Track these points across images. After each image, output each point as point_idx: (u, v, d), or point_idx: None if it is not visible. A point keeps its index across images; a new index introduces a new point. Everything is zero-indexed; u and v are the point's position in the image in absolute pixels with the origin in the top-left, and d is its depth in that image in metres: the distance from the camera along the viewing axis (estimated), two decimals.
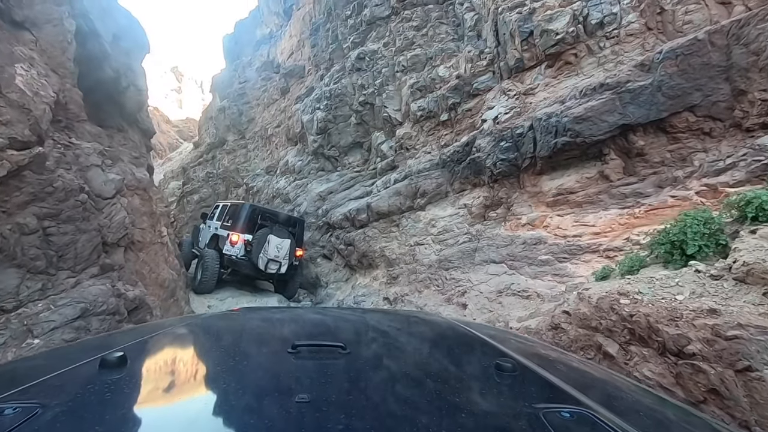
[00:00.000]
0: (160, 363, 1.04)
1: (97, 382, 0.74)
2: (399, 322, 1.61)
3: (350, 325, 1.53)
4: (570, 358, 1.36)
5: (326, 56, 11.77)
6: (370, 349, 1.18)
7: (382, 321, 1.62)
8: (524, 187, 5.90)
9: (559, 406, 0.72)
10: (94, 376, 0.77)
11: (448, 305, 5.49)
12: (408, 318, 1.74)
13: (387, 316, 1.99)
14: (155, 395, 0.79)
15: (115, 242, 3.89)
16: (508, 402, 0.80)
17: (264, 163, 15.17)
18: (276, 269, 7.88)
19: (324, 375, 0.85)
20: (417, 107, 8.39)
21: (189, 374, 0.94)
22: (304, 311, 2.45)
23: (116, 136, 7.49)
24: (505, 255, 5.58)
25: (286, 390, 0.76)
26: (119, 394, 0.73)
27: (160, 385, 0.85)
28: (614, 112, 4.77)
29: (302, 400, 0.66)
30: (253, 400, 0.72)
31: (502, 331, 2.14)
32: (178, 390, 0.82)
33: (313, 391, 0.73)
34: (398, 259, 7.37)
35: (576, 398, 0.76)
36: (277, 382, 0.84)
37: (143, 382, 0.86)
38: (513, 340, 1.44)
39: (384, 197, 8.05)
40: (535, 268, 5.07)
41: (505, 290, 4.96)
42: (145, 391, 0.81)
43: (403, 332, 1.43)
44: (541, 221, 5.46)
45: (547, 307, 3.90)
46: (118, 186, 3.95)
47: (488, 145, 6.30)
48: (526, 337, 2.13)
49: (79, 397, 0.70)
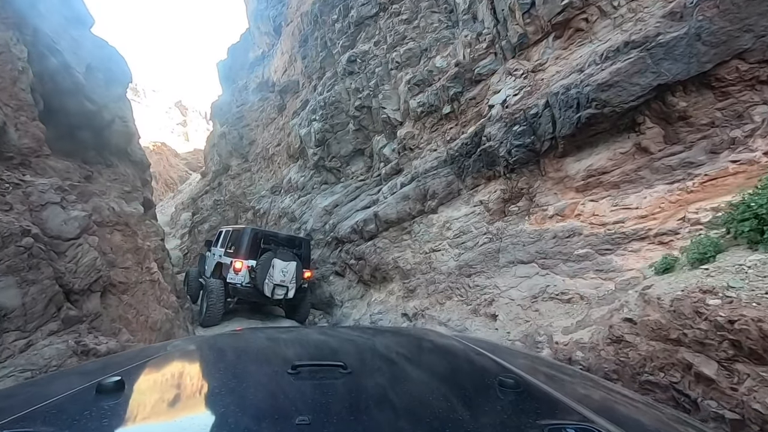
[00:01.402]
0: (158, 387, 1.01)
1: (93, 408, 0.73)
2: (399, 340, 1.60)
3: (351, 344, 1.50)
4: (572, 372, 1.32)
5: (317, 65, 11.35)
6: (371, 368, 1.15)
7: (382, 339, 1.61)
8: (546, 174, 5.20)
9: (564, 422, 0.71)
10: (91, 401, 0.76)
11: (475, 317, 4.79)
12: (408, 336, 1.73)
13: (387, 334, 1.92)
14: (153, 420, 0.78)
15: (86, 288, 3.38)
16: (511, 419, 0.78)
17: (268, 184, 14.82)
18: (283, 294, 7.36)
19: (325, 395, 0.84)
20: (417, 103, 7.80)
21: (187, 397, 0.91)
22: (304, 331, 2.35)
23: (105, 171, 7.13)
24: (534, 253, 4.87)
25: (286, 412, 0.75)
26: (116, 419, 0.73)
27: (157, 409, 0.83)
28: (646, 72, 4.07)
29: (303, 422, 0.65)
30: (253, 423, 0.71)
31: (503, 347, 2.01)
32: (176, 414, 0.81)
33: (314, 413, 0.72)
34: (414, 270, 6.70)
35: (580, 413, 0.76)
36: (276, 404, 0.82)
37: (140, 406, 0.83)
38: (514, 355, 1.41)
39: (391, 204, 7.43)
40: (572, 265, 4.34)
41: (541, 294, 4.25)
42: (142, 416, 0.79)
43: (404, 350, 1.42)
44: (571, 210, 4.73)
45: (598, 313, 3.19)
46: (83, 224, 3.47)
47: (499, 132, 5.63)
48: (527, 352, 1.99)
49: (76, 423, 0.69)
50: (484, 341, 2.10)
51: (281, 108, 14.85)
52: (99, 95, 6.47)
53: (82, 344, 2.88)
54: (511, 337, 3.85)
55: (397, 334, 1.95)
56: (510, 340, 3.81)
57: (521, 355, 1.57)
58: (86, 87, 6.03)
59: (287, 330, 2.36)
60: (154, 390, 0.98)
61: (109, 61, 7.18)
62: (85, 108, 6.03)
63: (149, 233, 6.56)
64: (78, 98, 5.83)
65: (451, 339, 1.55)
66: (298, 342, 1.54)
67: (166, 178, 36.34)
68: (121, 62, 7.70)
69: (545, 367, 1.30)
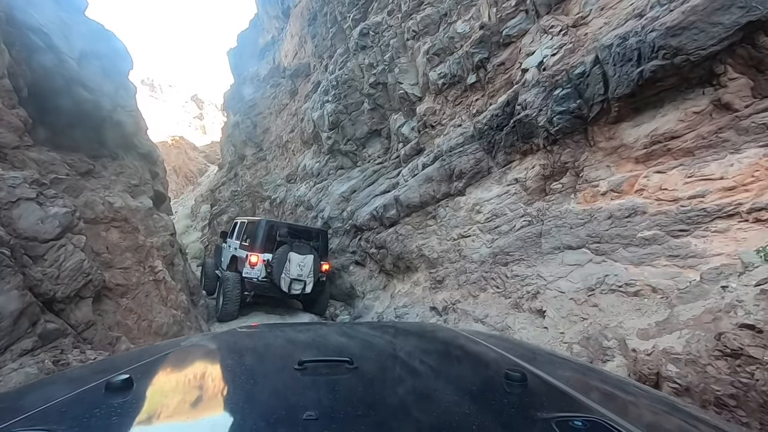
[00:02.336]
0: (166, 384, 1.01)
1: (103, 406, 0.74)
2: (405, 334, 1.59)
3: (357, 340, 1.48)
4: (579, 365, 1.28)
5: (328, 44, 10.66)
6: (377, 362, 1.14)
7: (388, 334, 1.58)
8: (596, 144, 4.44)
9: (572, 415, 0.70)
10: (100, 399, 0.77)
11: (517, 313, 4.17)
12: (414, 330, 1.70)
13: (393, 329, 1.84)
14: (161, 417, 0.77)
15: (72, 295, 2.96)
16: (519, 413, 0.77)
17: (284, 172, 14.41)
18: (301, 289, 6.98)
19: (332, 391, 0.85)
20: (437, 75, 7.06)
21: (195, 394, 0.90)
22: (310, 327, 2.19)
23: (110, 164, 6.78)
24: (585, 237, 4.17)
25: (293, 408, 0.75)
26: (126, 417, 0.72)
27: (166, 406, 0.83)
28: (731, 8, 3.24)
29: (310, 417, 0.65)
30: (260, 419, 0.71)
31: (510, 340, 1.90)
32: (185, 410, 0.81)
33: (321, 408, 0.72)
34: (441, 258, 6.10)
35: (588, 406, 0.75)
36: (284, 400, 0.83)
37: (149, 404, 0.83)
38: (520, 349, 1.37)
39: (413, 187, 6.80)
40: (635, 251, 3.64)
41: (598, 286, 3.58)
42: (151, 414, 0.79)
43: (410, 344, 1.41)
44: (630, 185, 3.99)
45: (688, 312, 2.51)
46: (66, 222, 3.02)
47: (537, 99, 4.87)
48: (533, 345, 1.82)
49: (85, 422, 0.69)
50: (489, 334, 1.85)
51: (293, 93, 14.29)
52: (96, 83, 6.04)
53: (62, 363, 2.45)
54: (567, 339, 3.21)
55: (402, 329, 1.90)
56: (565, 344, 3.17)
57: (527, 348, 1.50)
58: (81, 74, 5.60)
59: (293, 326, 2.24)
60: (163, 387, 0.98)
61: (107, 46, 6.73)
62: (81, 97, 5.61)
63: (157, 228, 6.18)
64: (72, 86, 5.41)
65: (456, 332, 1.54)
66: (304, 338, 1.53)
67: (186, 172, 36.73)
68: (121, 48, 7.25)
69: (552, 360, 1.28)
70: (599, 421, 0.65)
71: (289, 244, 7.08)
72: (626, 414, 0.74)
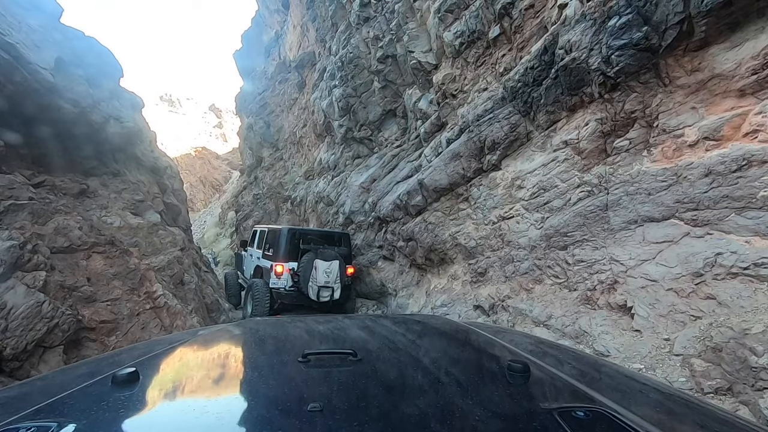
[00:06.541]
0: (172, 377, 1.01)
1: (110, 399, 0.74)
2: (408, 327, 1.58)
3: (361, 332, 1.49)
4: (582, 356, 1.25)
5: (329, 24, 9.80)
6: (380, 355, 1.14)
7: (392, 327, 1.56)
8: (673, 81, 3.39)
9: (574, 405, 0.71)
10: (107, 392, 0.77)
11: (591, 311, 3.25)
12: (417, 322, 1.69)
13: (397, 321, 1.72)
14: (167, 409, 0.78)
15: (28, 348, 2.38)
16: (521, 404, 0.76)
17: (301, 170, 13.85)
18: (329, 296, 6.48)
19: (336, 383, 0.85)
20: (453, 35, 6.07)
21: (200, 387, 0.90)
22: (315, 320, 1.82)
23: (112, 182, 6.33)
24: (673, 204, 3.17)
25: (297, 399, 0.75)
26: (132, 409, 0.73)
27: (172, 398, 0.83)
28: None
29: (315, 409, 0.66)
30: (265, 411, 0.72)
31: (512, 331, 1.74)
32: (190, 403, 0.81)
33: (325, 400, 0.73)
34: (480, 246, 5.22)
35: (591, 397, 0.75)
36: (288, 392, 0.82)
37: (155, 396, 0.83)
38: (523, 340, 1.37)
39: (438, 167, 5.92)
40: (757, 216, 2.63)
41: (710, 269, 2.61)
42: (157, 406, 0.79)
43: (413, 337, 1.41)
44: (734, 127, 2.95)
45: None
46: (10, 258, 2.44)
47: (585, 36, 3.84)
48: (536, 336, 1.63)
49: (92, 414, 0.69)
50: (492, 326, 1.78)
51: (301, 85, 13.61)
52: (79, 94, 5.53)
53: None
54: (678, 350, 2.29)
55: (406, 321, 1.79)
56: (677, 356, 2.25)
57: (530, 339, 1.40)
58: (59, 85, 5.09)
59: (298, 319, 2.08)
60: (168, 380, 0.97)
61: (90, 54, 6.22)
62: (62, 110, 5.11)
63: (163, 244, 5.68)
64: (50, 99, 4.90)
65: (459, 324, 1.55)
66: (308, 331, 1.49)
67: (212, 181, 37.34)
68: (107, 55, 6.74)
69: (554, 351, 1.24)
70: (602, 411, 0.66)
71: (313, 251, 6.65)
72: (629, 404, 0.73)
